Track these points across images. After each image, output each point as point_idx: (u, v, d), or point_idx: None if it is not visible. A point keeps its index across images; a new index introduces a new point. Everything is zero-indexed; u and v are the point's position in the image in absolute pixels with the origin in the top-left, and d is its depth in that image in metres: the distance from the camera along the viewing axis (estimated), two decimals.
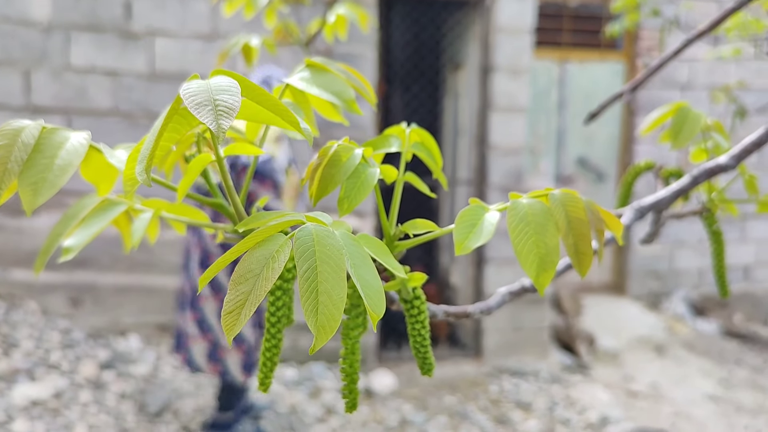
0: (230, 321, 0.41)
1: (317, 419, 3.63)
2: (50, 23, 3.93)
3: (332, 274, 0.43)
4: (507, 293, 0.71)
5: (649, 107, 5.47)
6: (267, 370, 0.60)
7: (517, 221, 0.53)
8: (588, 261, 0.53)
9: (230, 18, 4.04)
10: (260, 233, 0.45)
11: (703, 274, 5.79)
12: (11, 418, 3.11)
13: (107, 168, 0.57)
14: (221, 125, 0.41)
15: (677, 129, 0.83)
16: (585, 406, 4.00)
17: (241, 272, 0.43)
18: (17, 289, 3.99)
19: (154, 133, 0.45)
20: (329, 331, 0.42)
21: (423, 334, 0.61)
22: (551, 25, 5.41)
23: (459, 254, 0.53)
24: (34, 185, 0.45)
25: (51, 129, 0.48)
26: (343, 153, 0.58)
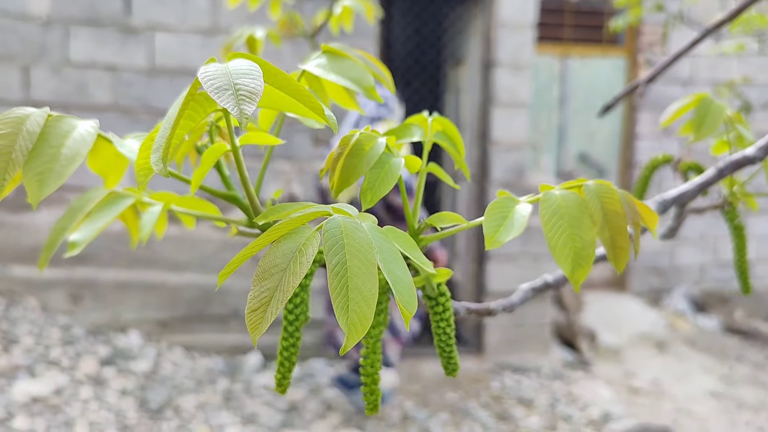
0: (255, 319, 0.39)
1: (318, 416, 3.61)
2: (49, 18, 3.90)
3: (363, 269, 0.40)
4: (529, 290, 0.69)
5: (651, 104, 5.45)
6: (285, 370, 0.58)
7: (551, 214, 0.50)
8: (626, 255, 0.50)
9: (230, 12, 4.01)
10: (285, 225, 0.42)
11: (705, 270, 5.78)
12: (11, 415, 3.09)
13: (115, 159, 0.55)
14: (243, 111, 0.39)
15: (700, 120, 0.81)
16: (587, 403, 3.99)
17: (265, 267, 0.40)
18: (17, 285, 3.96)
19: (169, 120, 0.43)
20: (361, 330, 0.39)
21: (448, 333, 0.59)
22: (553, 20, 5.38)
23: (489, 248, 0.50)
24: (39, 176, 0.43)
25: (57, 117, 0.46)
26: (366, 142, 0.55)
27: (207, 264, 4.11)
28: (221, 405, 3.56)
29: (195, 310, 4.12)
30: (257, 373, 3.93)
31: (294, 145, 4.12)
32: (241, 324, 4.15)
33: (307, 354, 4.17)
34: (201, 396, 3.59)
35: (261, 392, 3.75)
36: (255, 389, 3.77)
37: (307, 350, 4.17)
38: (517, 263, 4.35)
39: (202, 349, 4.10)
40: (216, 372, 3.88)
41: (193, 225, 0.73)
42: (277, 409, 3.59)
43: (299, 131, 4.13)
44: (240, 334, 4.15)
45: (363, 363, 0.59)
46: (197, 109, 0.46)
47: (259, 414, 3.51)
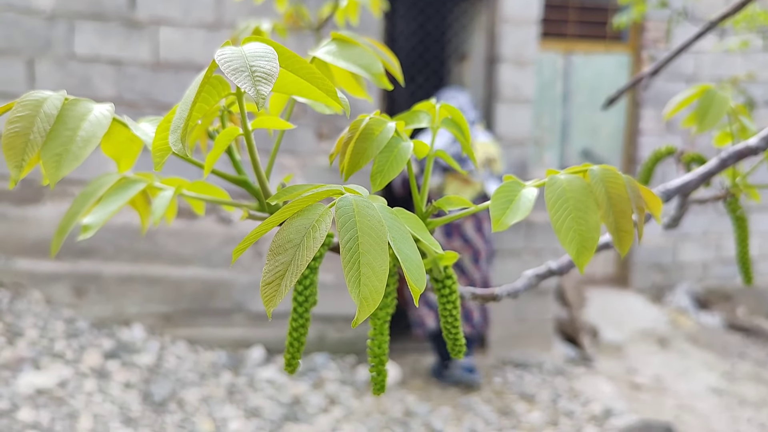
0: (269, 292, 0.40)
1: (321, 409, 3.62)
2: (54, 12, 3.91)
3: (374, 246, 0.41)
4: (533, 276, 0.70)
5: (654, 100, 5.44)
6: (294, 350, 0.59)
7: (556, 197, 0.51)
8: (629, 239, 0.51)
9: (235, 6, 4.02)
10: (299, 202, 0.43)
11: (707, 267, 5.78)
12: (16, 407, 3.11)
13: (129, 143, 0.56)
14: (260, 91, 0.40)
15: (703, 112, 0.81)
16: (588, 398, 3.99)
17: (279, 242, 0.41)
18: (22, 278, 3.98)
19: (187, 101, 0.44)
20: (372, 304, 0.40)
21: (455, 315, 0.60)
22: (557, 16, 5.38)
23: (496, 230, 0.51)
24: (57, 157, 0.44)
25: (73, 100, 0.47)
26: (375, 126, 0.56)
27: (210, 258, 4.13)
28: (225, 398, 3.57)
29: (198, 304, 4.13)
30: (260, 367, 3.95)
31: (298, 140, 4.13)
32: (245, 318, 4.16)
33: (310, 348, 4.18)
34: (204, 389, 3.61)
35: (264, 386, 3.76)
36: (258, 383, 3.79)
37: (309, 345, 4.18)
38: (521, 258, 4.36)
39: (205, 342, 4.11)
40: (219, 366, 3.90)
41: (203, 211, 0.74)
42: (280, 403, 3.61)
43: (303, 126, 4.14)
44: (243, 327, 4.16)
45: (370, 344, 0.60)
46: (212, 92, 0.47)
47: (263, 407, 3.53)
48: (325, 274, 4.17)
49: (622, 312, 5.32)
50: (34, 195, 4.00)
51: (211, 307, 4.15)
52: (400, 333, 4.71)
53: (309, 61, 0.63)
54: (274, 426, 3.41)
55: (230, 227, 4.14)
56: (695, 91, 0.85)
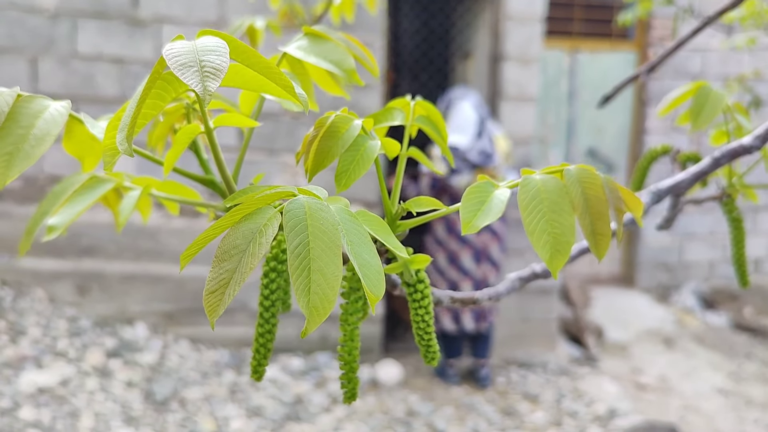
0: (213, 301, 0.38)
1: (323, 409, 3.61)
2: (57, 10, 3.91)
3: (326, 251, 0.39)
4: (517, 279, 0.68)
5: (660, 98, 5.40)
6: (260, 357, 0.57)
7: (529, 199, 0.49)
8: (606, 243, 0.49)
9: (237, 5, 4.00)
10: (246, 206, 0.41)
11: (714, 267, 5.73)
12: (18, 405, 3.11)
13: (91, 141, 0.54)
14: (207, 87, 0.38)
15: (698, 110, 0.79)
16: (593, 399, 3.97)
17: (225, 248, 0.40)
18: (24, 276, 3.99)
19: (135, 99, 0.42)
20: (322, 313, 0.38)
21: (427, 320, 0.58)
22: (562, 14, 5.34)
23: (466, 233, 0.49)
24: (8, 156, 0.42)
25: (27, 97, 0.45)
26: (341, 124, 0.54)
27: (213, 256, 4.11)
28: (227, 397, 3.57)
29: (201, 303, 4.12)
30: None
31: (299, 138, 4.11)
32: (248, 317, 4.16)
33: (313, 347, 4.17)
34: (206, 388, 3.60)
35: (266, 385, 3.75)
36: (260, 382, 3.78)
37: (312, 344, 4.17)
38: (524, 257, 4.33)
39: (207, 341, 4.11)
40: (222, 364, 3.89)
41: (177, 211, 0.72)
42: (283, 402, 3.59)
43: (304, 125, 4.12)
44: (246, 326, 4.15)
45: (340, 351, 0.58)
46: (166, 88, 0.46)
47: (265, 407, 3.52)
48: None
49: (627, 311, 5.28)
50: (38, 193, 4.01)
51: None
52: (402, 333, 4.69)
53: (280, 56, 0.61)
54: (276, 425, 3.39)
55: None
56: (690, 87, 0.83)
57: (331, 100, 4.09)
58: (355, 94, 4.10)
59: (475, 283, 3.90)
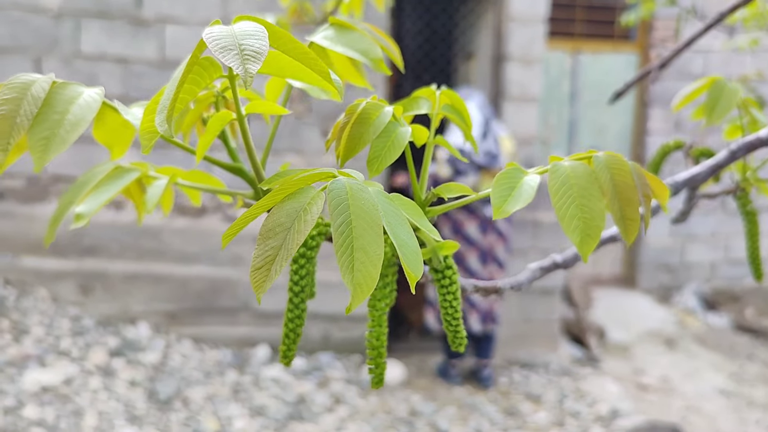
0: (259, 277, 0.39)
1: (326, 408, 3.61)
2: (61, 10, 3.91)
3: (368, 230, 0.40)
4: (538, 269, 0.69)
5: (662, 99, 5.41)
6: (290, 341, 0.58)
7: (559, 184, 0.49)
8: (635, 228, 0.50)
9: (241, 4, 4.01)
10: (290, 185, 0.42)
11: (715, 268, 5.74)
12: (22, 404, 3.11)
13: (122, 128, 0.55)
14: (248, 69, 0.38)
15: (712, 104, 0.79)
16: (595, 399, 3.97)
17: (269, 226, 0.40)
18: (28, 276, 3.99)
19: (174, 82, 0.42)
20: (366, 290, 0.39)
21: (455, 306, 0.59)
22: (564, 15, 5.35)
23: (497, 218, 0.50)
24: (44, 141, 0.42)
25: (62, 83, 0.46)
26: (372, 111, 0.55)
27: (216, 256, 4.12)
28: (230, 397, 3.57)
29: (204, 302, 4.13)
30: (265, 366, 3.94)
31: (304, 139, 4.12)
32: (250, 316, 4.16)
33: (315, 347, 4.17)
34: (209, 388, 3.60)
35: (269, 385, 3.75)
36: (263, 382, 3.78)
37: (315, 344, 4.17)
38: (527, 257, 4.33)
39: (210, 341, 4.11)
40: (224, 364, 3.89)
41: (199, 201, 0.72)
42: (285, 402, 3.60)
43: (308, 125, 4.13)
44: (249, 326, 4.16)
45: (368, 336, 0.59)
46: (202, 74, 0.46)
47: (268, 406, 3.52)
48: (330, 273, 4.16)
49: (629, 312, 5.29)
50: (41, 193, 4.01)
51: (216, 305, 4.14)
52: (404, 333, 4.69)
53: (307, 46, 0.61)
54: (279, 425, 3.40)
55: None
56: (704, 83, 0.83)
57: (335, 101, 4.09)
58: (358, 95, 4.11)
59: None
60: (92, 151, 4.02)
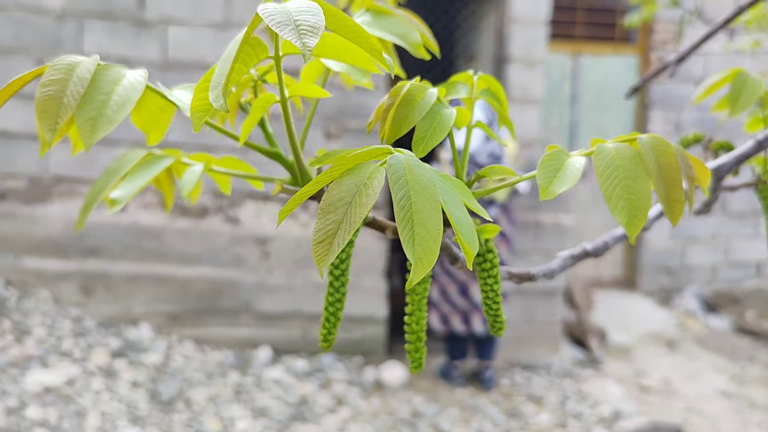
0: (321, 251, 0.39)
1: (328, 410, 3.61)
2: (63, 11, 3.91)
3: (426, 205, 0.40)
4: (569, 257, 0.69)
5: (662, 102, 5.43)
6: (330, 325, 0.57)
7: (605, 166, 0.50)
8: (680, 209, 0.50)
9: (244, 6, 4.02)
10: (348, 161, 0.42)
11: (716, 270, 5.75)
12: (25, 404, 3.10)
13: (160, 113, 0.55)
14: (306, 44, 0.38)
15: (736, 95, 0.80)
16: (597, 401, 3.97)
17: (330, 201, 0.40)
18: (29, 276, 3.98)
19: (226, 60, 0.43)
20: (427, 264, 0.39)
21: (495, 290, 0.59)
22: (565, 18, 5.37)
23: (543, 199, 0.50)
24: (92, 120, 0.42)
25: (106, 65, 0.46)
26: (417, 92, 0.55)
27: (217, 257, 4.12)
28: (232, 398, 3.56)
29: (205, 304, 4.12)
30: (267, 367, 3.94)
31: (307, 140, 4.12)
32: (252, 318, 4.15)
33: (317, 349, 4.17)
34: (212, 389, 3.60)
35: (271, 386, 3.75)
36: (265, 383, 3.77)
37: (316, 345, 4.17)
38: (529, 259, 4.33)
39: (212, 342, 4.10)
40: (226, 365, 3.88)
41: (229, 190, 0.72)
42: (288, 403, 3.59)
43: (311, 126, 4.12)
44: (250, 328, 4.15)
45: (408, 320, 0.59)
46: (250, 53, 0.46)
47: (270, 407, 3.52)
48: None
49: (629, 314, 5.29)
50: (42, 194, 4.00)
51: (218, 306, 4.13)
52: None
53: None
54: (282, 426, 3.39)
55: (237, 227, 4.13)
56: (727, 73, 0.83)
57: (339, 101, 4.10)
58: (361, 96, 4.11)
59: None
60: (95, 152, 4.01)
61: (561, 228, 4.41)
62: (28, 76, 0.47)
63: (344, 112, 4.13)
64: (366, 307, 4.19)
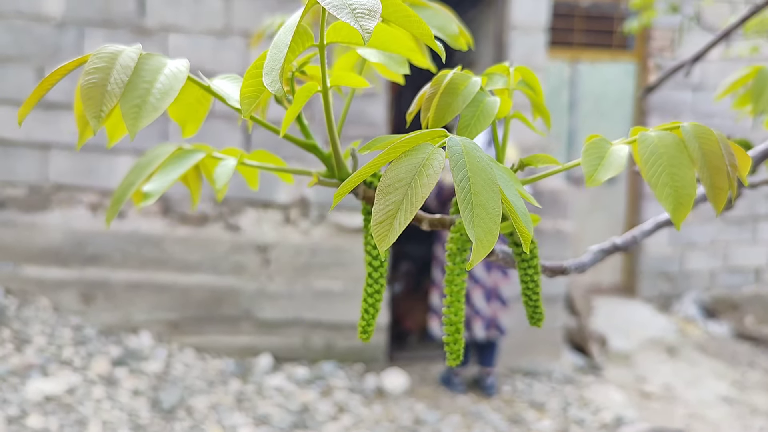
0: (381, 230, 0.38)
1: (330, 417, 3.59)
2: (63, 19, 3.92)
3: (485, 187, 0.40)
4: (599, 251, 0.69)
5: (661, 108, 5.45)
6: (369, 317, 0.57)
7: (648, 154, 0.50)
8: (724, 196, 0.50)
9: (243, 14, 4.02)
10: (406, 143, 0.42)
11: (714, 276, 5.76)
12: (25, 413, 3.07)
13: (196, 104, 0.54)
14: (364, 26, 0.38)
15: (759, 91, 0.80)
16: (599, 407, 3.96)
17: (389, 182, 0.40)
18: (29, 285, 3.96)
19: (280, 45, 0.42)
20: (487, 245, 0.39)
21: (536, 281, 0.59)
22: (563, 24, 5.40)
23: (590, 186, 0.50)
24: (136, 108, 0.42)
25: (148, 54, 0.46)
26: (460, 81, 0.55)
27: (218, 265, 4.10)
28: (233, 406, 3.54)
29: (206, 311, 4.10)
30: (268, 375, 3.92)
31: None
32: (252, 325, 4.14)
33: (318, 356, 4.15)
34: (213, 397, 3.58)
35: (272, 394, 3.73)
36: (266, 391, 3.75)
37: (317, 353, 4.16)
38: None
39: (212, 350, 4.08)
40: (227, 373, 3.87)
41: (257, 185, 0.72)
42: (289, 411, 3.57)
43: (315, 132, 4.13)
44: (251, 335, 4.13)
45: (446, 312, 0.58)
46: (298, 41, 0.46)
47: (272, 415, 3.50)
48: (332, 282, 4.15)
49: (629, 321, 5.30)
50: (42, 202, 3.99)
51: (218, 314, 4.12)
52: (405, 342, 4.68)
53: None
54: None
55: (238, 234, 4.12)
56: (748, 71, 0.84)
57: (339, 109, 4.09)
58: (360, 102, 4.12)
59: (486, 292, 3.90)
60: (93, 160, 4.00)
61: (560, 234, 4.41)
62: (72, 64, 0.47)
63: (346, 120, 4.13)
64: None
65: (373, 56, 0.57)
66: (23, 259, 3.97)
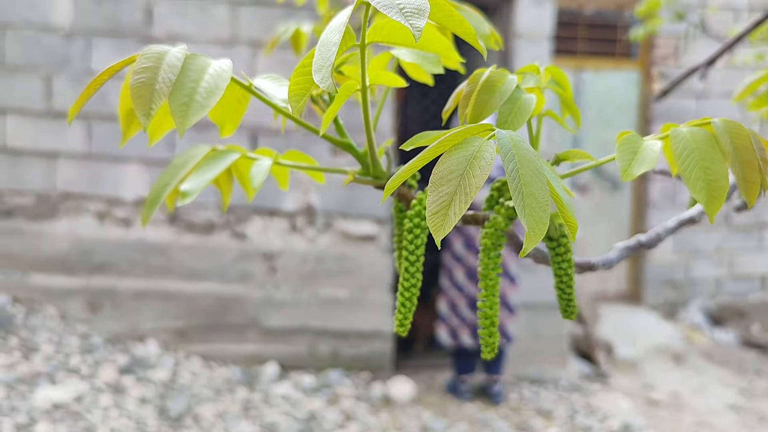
0: (436, 221, 0.40)
1: (337, 425, 3.59)
2: (72, 29, 3.95)
3: (534, 178, 0.41)
4: (624, 248, 0.70)
5: (664, 116, 5.46)
6: (406, 311, 0.58)
7: (681, 148, 0.51)
8: (756, 190, 0.51)
9: (249, 24, 4.05)
10: (455, 136, 0.43)
11: (720, 284, 5.75)
12: (34, 421, 3.08)
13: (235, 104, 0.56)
14: (414, 24, 0.40)
15: None
16: (606, 414, 3.96)
17: (441, 174, 0.41)
18: (36, 293, 3.97)
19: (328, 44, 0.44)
20: (539, 233, 0.40)
21: (570, 274, 0.60)
22: (566, 33, 5.42)
23: (625, 180, 0.51)
24: (184, 106, 0.44)
25: (193, 54, 0.47)
26: (497, 78, 0.56)
27: (224, 273, 4.11)
28: (240, 414, 3.54)
29: (212, 320, 4.11)
30: (275, 383, 3.92)
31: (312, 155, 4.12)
32: (259, 334, 4.14)
33: (324, 364, 4.15)
34: (220, 405, 3.58)
35: (279, 402, 3.73)
36: (273, 399, 3.75)
37: (324, 361, 4.16)
38: (536, 272, 4.33)
39: (219, 358, 4.09)
40: (234, 381, 3.87)
41: (287, 186, 0.73)
42: (296, 419, 3.57)
43: (317, 142, 4.14)
44: (257, 343, 4.14)
45: (481, 306, 0.59)
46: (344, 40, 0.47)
47: (279, 423, 3.50)
48: (338, 290, 4.16)
49: (635, 328, 5.29)
50: (50, 210, 4.01)
51: (224, 322, 4.12)
52: (411, 350, 4.68)
53: None
54: None
55: (244, 242, 4.14)
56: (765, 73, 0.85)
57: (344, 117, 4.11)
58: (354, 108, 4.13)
59: None
60: (100, 169, 4.02)
61: None
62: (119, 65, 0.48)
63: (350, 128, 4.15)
64: (373, 322, 4.19)
65: (407, 56, 0.58)
66: (30, 267, 3.99)
